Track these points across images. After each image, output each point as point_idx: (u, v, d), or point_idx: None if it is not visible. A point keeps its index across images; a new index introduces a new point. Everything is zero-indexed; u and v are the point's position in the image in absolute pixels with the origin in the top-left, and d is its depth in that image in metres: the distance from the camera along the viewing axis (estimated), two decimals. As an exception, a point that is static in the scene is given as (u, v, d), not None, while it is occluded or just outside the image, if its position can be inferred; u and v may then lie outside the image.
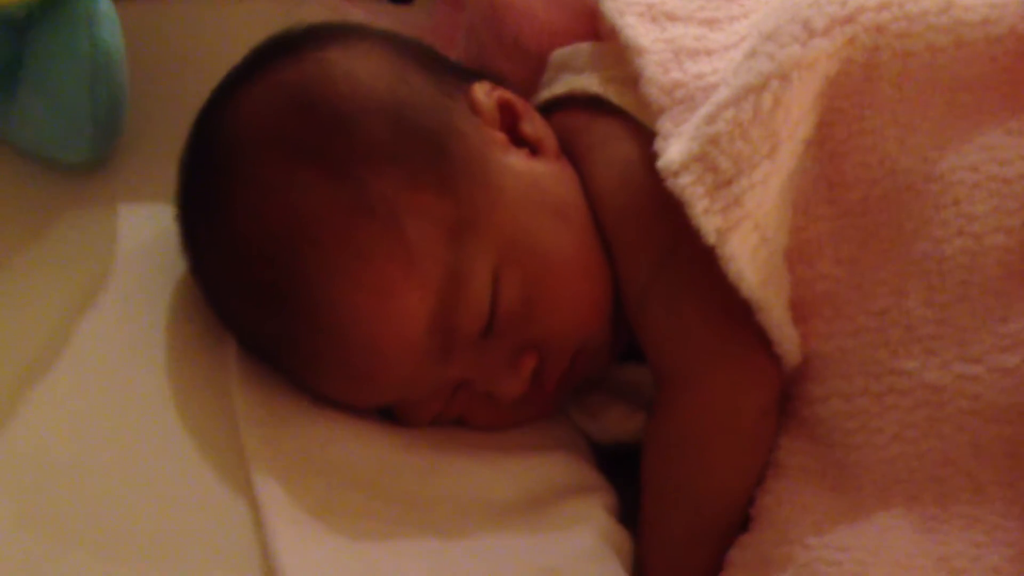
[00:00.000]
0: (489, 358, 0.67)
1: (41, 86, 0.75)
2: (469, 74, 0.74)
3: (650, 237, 0.68)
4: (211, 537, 0.64)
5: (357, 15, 0.91)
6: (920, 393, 0.61)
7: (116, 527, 0.63)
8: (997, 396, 0.59)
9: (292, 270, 0.65)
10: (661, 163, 0.64)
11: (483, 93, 0.71)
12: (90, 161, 0.78)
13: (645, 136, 0.68)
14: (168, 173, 0.75)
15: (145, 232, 0.76)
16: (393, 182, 0.65)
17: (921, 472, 0.61)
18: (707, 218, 0.62)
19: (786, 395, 0.66)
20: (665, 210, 0.64)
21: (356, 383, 0.68)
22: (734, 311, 0.64)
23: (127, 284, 0.73)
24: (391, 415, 0.70)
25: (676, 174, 0.63)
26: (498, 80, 0.75)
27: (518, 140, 0.71)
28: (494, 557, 0.64)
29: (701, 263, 0.63)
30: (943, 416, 0.60)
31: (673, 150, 0.64)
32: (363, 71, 0.68)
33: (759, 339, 0.64)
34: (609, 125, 0.72)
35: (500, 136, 0.70)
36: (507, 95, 0.72)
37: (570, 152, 0.72)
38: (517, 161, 0.69)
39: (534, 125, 0.72)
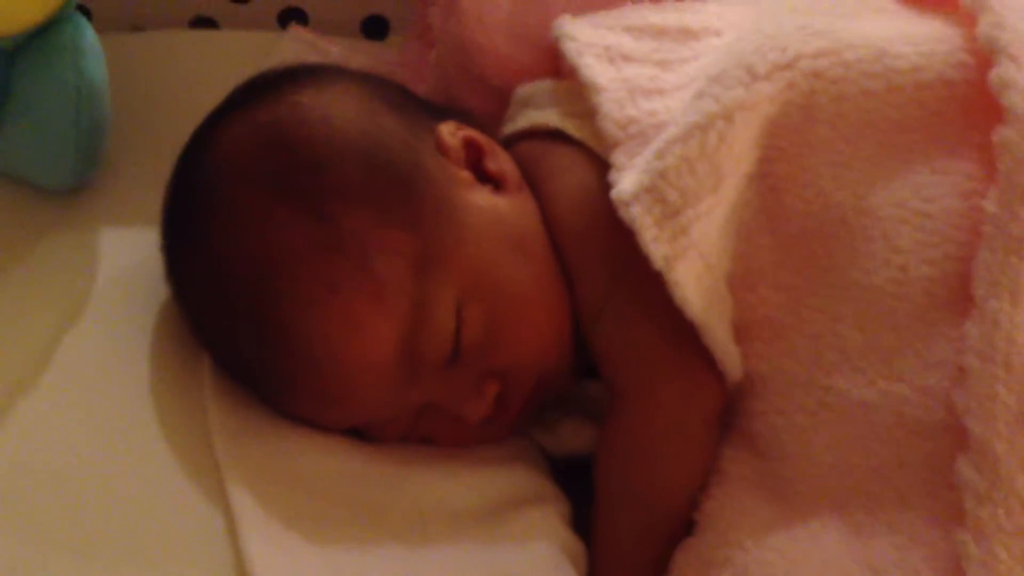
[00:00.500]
0: (454, 384, 0.71)
1: (27, 113, 0.78)
2: (437, 112, 0.77)
3: (603, 259, 0.72)
4: (187, 545, 0.66)
5: (332, 51, 0.95)
6: (850, 410, 0.65)
7: (95, 536, 0.65)
8: (921, 413, 0.63)
9: (267, 302, 0.68)
10: (614, 193, 0.68)
11: (449, 133, 0.74)
12: (72, 186, 0.80)
13: (600, 165, 0.72)
14: (147, 197, 0.77)
15: (126, 254, 0.78)
16: (363, 220, 0.68)
17: (851, 483, 0.64)
18: (656, 246, 0.66)
19: (730, 409, 0.70)
20: (617, 234, 0.68)
21: (326, 407, 0.71)
22: (681, 329, 0.68)
23: (108, 304, 0.76)
24: (359, 432, 0.73)
25: (627, 204, 0.67)
26: (465, 114, 0.78)
27: (482, 176, 0.74)
28: (455, 565, 0.67)
29: (650, 285, 0.67)
30: (871, 432, 0.64)
31: (625, 181, 0.68)
32: (337, 114, 0.71)
33: (704, 355, 0.68)
34: (567, 153, 0.75)
35: (465, 175, 0.73)
36: (472, 134, 0.75)
37: (530, 179, 0.76)
38: (481, 198, 0.73)
39: (497, 161, 0.75)
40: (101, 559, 0.65)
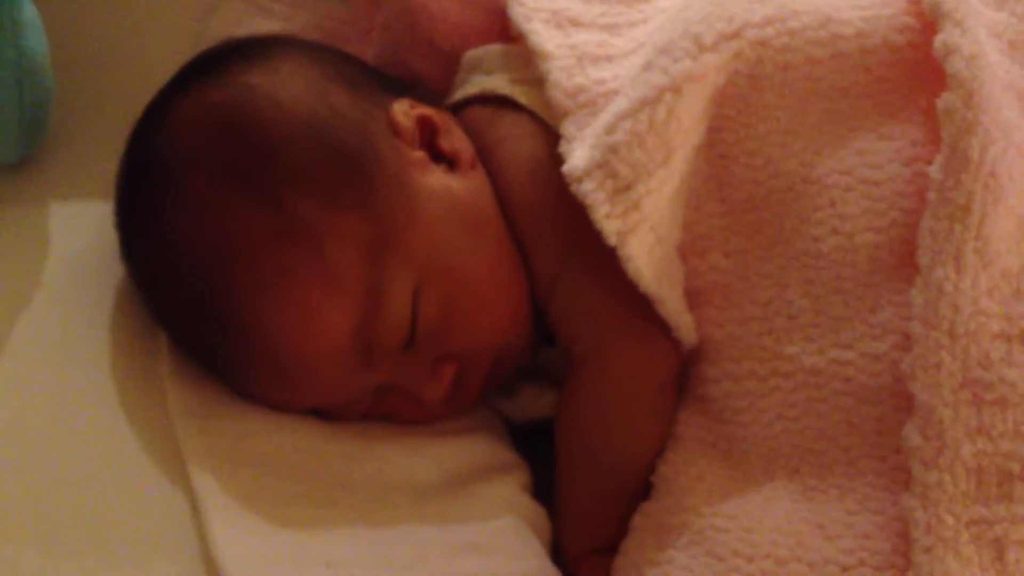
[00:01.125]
0: (411, 368, 0.71)
1: (-32, 91, 0.76)
2: (392, 87, 0.76)
3: (556, 231, 0.72)
4: (151, 530, 0.66)
5: (276, 8, 0.93)
6: (800, 376, 0.66)
7: (57, 522, 0.65)
8: (867, 379, 0.64)
9: (219, 287, 0.68)
10: (566, 169, 0.68)
11: (402, 112, 0.73)
12: (17, 160, 0.79)
13: (550, 135, 0.71)
14: (93, 169, 0.77)
15: (76, 229, 0.77)
16: (315, 205, 0.68)
17: (801, 447, 0.66)
18: (608, 222, 0.66)
19: (684, 373, 0.71)
20: (569, 206, 0.68)
21: (282, 390, 0.71)
22: (635, 296, 0.68)
23: (61, 283, 0.75)
24: (319, 412, 0.73)
25: (579, 180, 0.67)
26: (421, 88, 0.78)
27: (436, 155, 0.73)
28: (417, 537, 0.68)
29: (604, 254, 0.67)
30: (821, 397, 0.65)
31: (576, 156, 0.68)
32: (286, 96, 0.70)
33: (658, 321, 0.69)
34: (516, 121, 0.75)
35: (418, 155, 0.72)
36: (426, 112, 0.74)
37: (479, 146, 0.75)
38: (434, 179, 0.72)
39: (451, 140, 0.74)
40: (64, 546, 0.65)
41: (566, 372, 0.73)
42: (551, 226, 0.72)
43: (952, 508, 0.60)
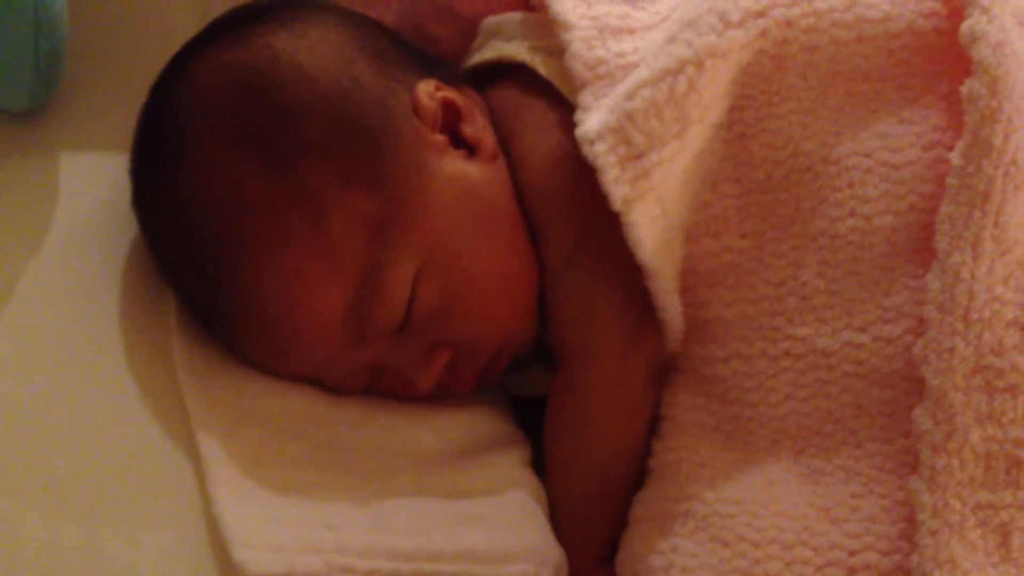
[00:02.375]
0: (403, 351, 0.70)
1: (-16, 36, 0.75)
2: (422, 64, 0.74)
3: (568, 227, 0.71)
4: (155, 485, 0.65)
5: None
6: (812, 357, 0.65)
7: (62, 479, 0.64)
8: (879, 362, 0.64)
9: (220, 246, 0.67)
10: (579, 132, 0.67)
11: (426, 93, 0.71)
12: (30, 108, 0.78)
13: (571, 125, 0.70)
14: (106, 120, 0.76)
15: (88, 179, 0.76)
16: (325, 177, 0.67)
17: (809, 428, 0.65)
18: (616, 186, 0.66)
19: (686, 355, 0.70)
20: (581, 204, 0.68)
21: (275, 357, 0.70)
22: (632, 300, 0.68)
23: (72, 231, 0.74)
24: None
25: (592, 142, 0.66)
26: (450, 68, 0.76)
27: (457, 140, 0.72)
28: (420, 506, 0.67)
29: (609, 256, 0.67)
30: (831, 378, 0.65)
31: (591, 120, 0.67)
32: (310, 62, 0.69)
33: (650, 323, 0.69)
34: (542, 111, 0.73)
35: (439, 138, 0.71)
36: (451, 95, 0.72)
37: (504, 132, 0.74)
38: (451, 165, 0.70)
39: (474, 126, 0.72)
40: (67, 503, 0.64)
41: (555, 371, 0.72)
42: (566, 219, 0.71)
43: (959, 493, 0.59)
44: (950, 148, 0.64)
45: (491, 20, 0.79)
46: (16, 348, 0.69)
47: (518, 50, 0.76)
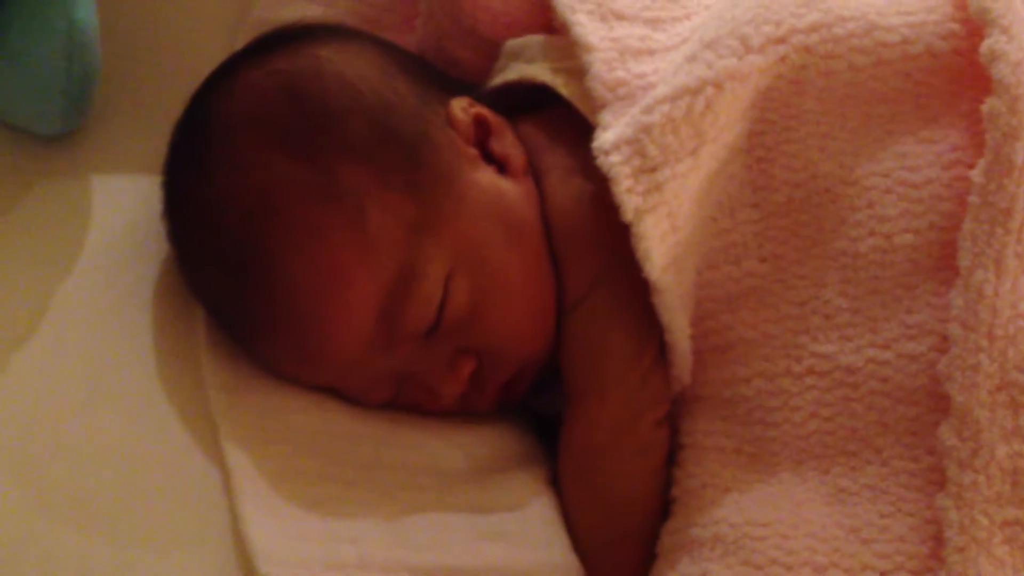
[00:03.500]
0: (430, 356, 0.70)
1: (18, 60, 0.75)
2: (451, 86, 0.76)
3: (589, 260, 0.71)
4: (183, 502, 0.65)
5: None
6: (836, 374, 0.65)
7: (91, 494, 0.64)
8: (904, 379, 0.63)
9: (256, 243, 0.67)
10: (595, 143, 0.67)
11: (460, 108, 0.73)
12: (62, 132, 0.78)
13: (602, 175, 0.69)
14: (138, 144, 0.76)
15: (119, 203, 0.76)
16: (364, 178, 0.67)
17: (834, 447, 0.64)
18: (628, 197, 0.65)
19: (704, 380, 0.69)
20: (602, 242, 0.68)
21: (304, 362, 0.70)
22: (646, 341, 0.68)
23: (102, 254, 0.74)
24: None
25: (607, 153, 0.67)
26: (478, 92, 0.77)
27: (488, 157, 0.73)
28: (443, 521, 0.67)
29: (626, 293, 0.67)
30: (856, 396, 0.64)
31: (609, 132, 0.68)
32: (352, 72, 0.70)
33: (661, 363, 0.68)
34: (570, 152, 0.73)
35: (472, 152, 0.72)
36: (483, 113, 0.73)
37: (533, 166, 0.74)
38: (484, 177, 0.71)
39: (503, 144, 0.73)
40: (96, 519, 0.64)
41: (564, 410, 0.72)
42: (587, 254, 0.71)
43: (986, 509, 0.59)
44: (970, 167, 0.64)
45: (513, 42, 0.79)
46: (48, 366, 0.69)
47: (540, 71, 0.76)
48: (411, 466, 0.70)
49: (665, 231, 0.66)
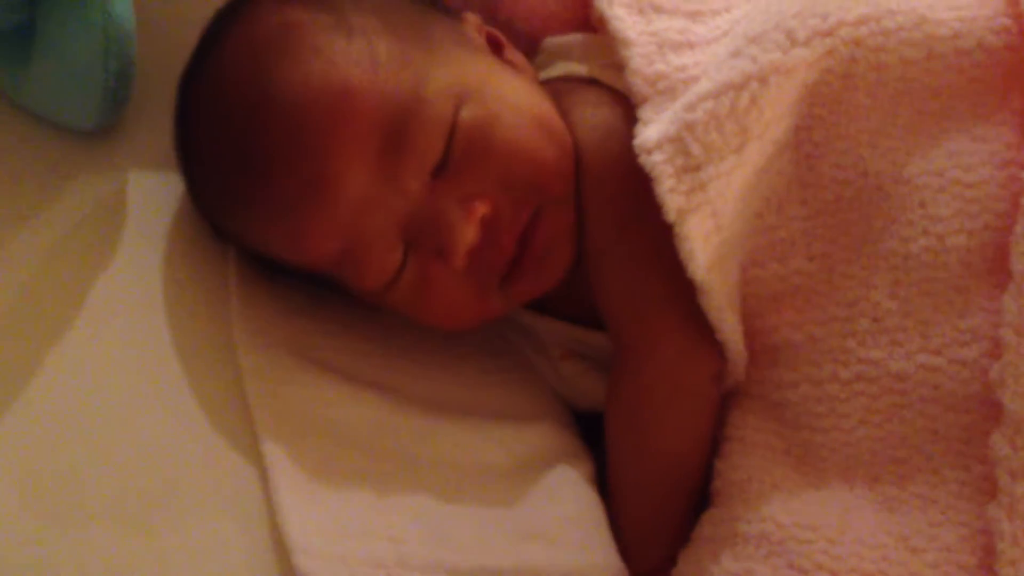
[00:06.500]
0: (439, 201, 0.66)
1: (55, 55, 0.74)
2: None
3: (616, 201, 0.68)
4: (221, 493, 0.64)
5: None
6: (886, 381, 0.62)
7: (129, 487, 0.63)
8: (956, 386, 0.61)
9: (263, 75, 0.65)
10: (637, 141, 0.65)
11: (474, 22, 0.73)
12: (98, 126, 0.76)
13: (629, 110, 0.68)
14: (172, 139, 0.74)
15: (154, 197, 0.75)
16: (375, 24, 0.66)
17: (883, 454, 0.62)
18: (671, 197, 0.63)
19: (753, 378, 0.67)
20: (633, 181, 0.65)
21: (306, 206, 0.65)
22: (685, 290, 0.65)
23: (138, 248, 0.72)
24: (344, 291, 0.69)
25: (650, 152, 0.64)
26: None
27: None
28: (483, 520, 0.65)
29: (659, 241, 0.64)
30: (906, 403, 0.62)
31: (651, 129, 0.65)
32: None
33: (704, 318, 0.65)
34: (597, 92, 0.72)
35: (483, 42, 0.72)
36: (494, 31, 0.73)
37: (558, 107, 0.71)
38: (494, 60, 0.71)
39: (516, 56, 0.73)
40: (133, 510, 0.63)
41: (612, 356, 0.69)
42: (612, 195, 0.69)
43: (1040, 521, 0.56)
44: (1022, 166, 0.61)
45: (554, 40, 0.77)
46: (85, 361, 0.67)
47: (583, 68, 0.74)
48: (450, 462, 0.68)
49: (709, 231, 0.64)
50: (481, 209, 0.66)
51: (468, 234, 0.65)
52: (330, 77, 0.64)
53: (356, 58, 0.65)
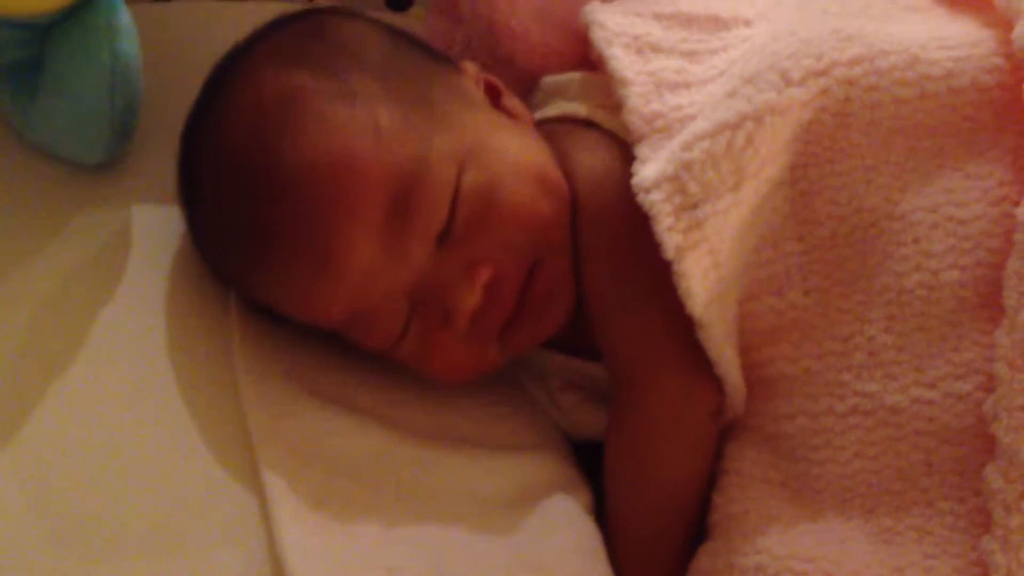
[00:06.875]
0: (444, 268, 0.67)
1: (62, 90, 0.75)
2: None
3: (617, 241, 0.69)
4: (220, 523, 0.64)
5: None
6: (881, 414, 0.63)
7: (130, 518, 0.63)
8: (950, 419, 0.61)
9: (268, 145, 0.66)
10: (635, 180, 0.66)
11: (472, 69, 0.74)
12: (104, 161, 0.77)
13: (626, 153, 0.69)
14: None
15: (160, 231, 0.76)
16: (377, 89, 0.67)
17: (878, 487, 0.62)
18: (669, 235, 0.64)
19: (750, 411, 0.67)
20: (631, 224, 0.66)
21: (313, 274, 0.66)
22: (683, 325, 0.65)
23: (143, 281, 0.73)
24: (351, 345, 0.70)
25: (648, 191, 0.65)
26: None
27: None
28: (484, 550, 0.65)
29: (657, 278, 0.65)
30: (901, 436, 0.62)
31: (649, 168, 0.66)
32: (368, 29, 0.72)
33: (703, 353, 0.66)
34: (593, 136, 0.73)
35: (483, 96, 0.73)
36: (492, 78, 0.74)
37: (555, 150, 0.72)
38: (495, 113, 0.72)
39: (513, 103, 0.74)
40: (132, 538, 0.63)
41: (611, 396, 0.70)
42: (610, 235, 0.69)
43: (1034, 553, 0.56)
44: (1017, 203, 0.62)
45: (552, 79, 0.78)
46: (88, 390, 0.68)
47: (580, 108, 0.75)
48: (449, 492, 0.68)
49: (707, 267, 0.64)
50: (485, 275, 0.67)
51: (472, 300, 0.67)
52: (334, 148, 0.65)
53: (359, 128, 0.66)
